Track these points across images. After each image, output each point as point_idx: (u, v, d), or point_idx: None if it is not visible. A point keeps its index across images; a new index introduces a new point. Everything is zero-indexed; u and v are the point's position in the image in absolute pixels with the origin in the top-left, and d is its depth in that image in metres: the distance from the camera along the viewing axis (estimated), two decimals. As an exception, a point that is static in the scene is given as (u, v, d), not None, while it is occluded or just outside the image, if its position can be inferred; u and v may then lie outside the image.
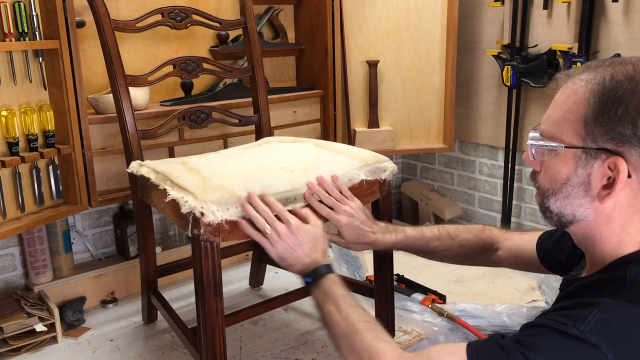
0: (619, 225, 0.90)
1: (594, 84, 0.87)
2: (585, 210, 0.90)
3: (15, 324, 1.67)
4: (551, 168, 0.92)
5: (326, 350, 1.70)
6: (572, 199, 0.90)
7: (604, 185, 0.87)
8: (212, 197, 1.27)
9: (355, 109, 2.44)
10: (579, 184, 0.89)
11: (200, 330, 1.33)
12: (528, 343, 0.84)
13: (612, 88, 0.85)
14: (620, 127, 0.84)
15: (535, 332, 0.86)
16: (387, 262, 1.66)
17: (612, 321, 0.81)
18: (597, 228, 0.91)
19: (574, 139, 0.88)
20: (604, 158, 0.86)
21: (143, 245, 1.73)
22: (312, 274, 1.23)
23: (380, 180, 1.57)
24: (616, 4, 1.98)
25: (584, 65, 0.94)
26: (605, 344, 0.79)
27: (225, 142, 2.08)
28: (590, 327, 0.80)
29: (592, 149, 0.87)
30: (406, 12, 2.36)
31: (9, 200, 1.67)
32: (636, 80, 0.84)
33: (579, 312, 0.83)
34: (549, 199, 0.93)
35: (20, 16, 1.60)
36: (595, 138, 0.86)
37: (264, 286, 2.12)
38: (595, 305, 0.82)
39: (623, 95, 0.84)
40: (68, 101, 1.70)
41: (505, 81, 2.29)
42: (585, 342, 0.80)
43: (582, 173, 0.88)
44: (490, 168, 2.57)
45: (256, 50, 1.90)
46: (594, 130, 0.86)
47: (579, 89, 0.89)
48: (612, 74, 0.87)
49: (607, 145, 0.86)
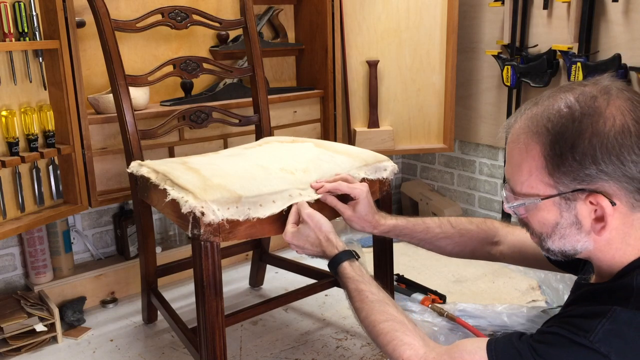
0: (619, 242, 0.91)
1: (540, 134, 0.88)
2: (584, 243, 0.92)
3: (15, 324, 1.67)
4: (537, 216, 0.94)
5: (326, 350, 1.70)
6: (569, 238, 0.92)
7: (594, 218, 0.89)
8: (212, 197, 1.27)
9: (355, 109, 2.44)
10: (570, 224, 0.91)
11: (200, 330, 1.33)
12: (542, 351, 0.87)
13: (560, 135, 0.86)
14: (584, 170, 0.85)
15: (549, 339, 0.89)
16: (387, 262, 1.66)
17: (621, 330, 0.83)
18: (600, 252, 0.93)
19: (546, 190, 0.90)
20: (583, 197, 0.87)
21: (143, 245, 1.73)
22: (330, 268, 1.27)
23: (380, 180, 1.57)
24: (616, 4, 1.98)
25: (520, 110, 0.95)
26: (614, 353, 0.82)
27: (225, 142, 2.08)
28: (599, 337, 0.83)
29: (568, 192, 0.88)
30: (406, 12, 2.36)
31: (9, 200, 1.67)
32: (577, 118, 0.85)
33: (589, 322, 0.85)
34: (546, 242, 0.95)
35: (20, 16, 1.60)
36: (565, 184, 0.88)
37: (264, 286, 2.12)
38: (604, 314, 0.85)
39: (573, 139, 0.85)
40: (68, 101, 1.70)
41: (505, 81, 2.29)
42: (595, 352, 0.83)
43: (568, 215, 0.90)
44: (490, 168, 2.57)
45: (256, 50, 1.90)
46: (562, 178, 0.87)
47: (528, 141, 0.90)
48: (550, 117, 0.88)
49: (579, 187, 0.87)
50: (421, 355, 1.00)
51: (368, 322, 1.12)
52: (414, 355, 1.01)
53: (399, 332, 1.05)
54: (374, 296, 1.15)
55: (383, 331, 1.07)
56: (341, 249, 1.26)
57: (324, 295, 2.00)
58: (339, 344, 1.74)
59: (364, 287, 1.17)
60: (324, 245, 1.28)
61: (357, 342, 1.74)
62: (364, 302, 1.14)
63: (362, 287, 1.17)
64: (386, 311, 1.11)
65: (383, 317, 1.09)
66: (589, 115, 0.85)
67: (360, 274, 1.21)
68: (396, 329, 1.06)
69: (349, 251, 1.26)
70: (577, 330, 0.85)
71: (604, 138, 0.84)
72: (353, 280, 1.19)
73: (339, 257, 1.24)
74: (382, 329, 1.08)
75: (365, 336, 1.76)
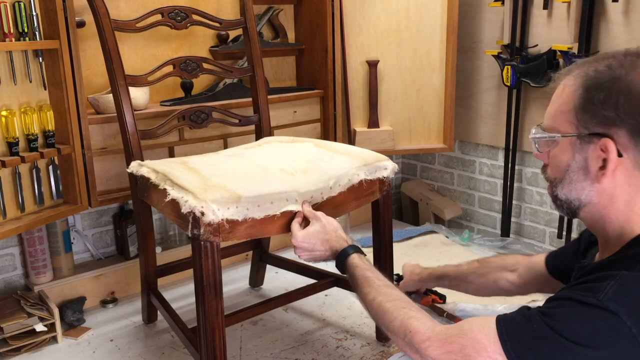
0: (623, 204, 0.95)
1: (581, 77, 0.96)
2: (588, 193, 0.97)
3: (15, 324, 1.67)
4: (555, 158, 1.00)
5: (326, 350, 1.70)
6: (575, 184, 0.97)
7: (600, 166, 0.94)
8: (212, 197, 1.27)
9: (355, 109, 2.44)
10: (579, 168, 0.96)
11: (200, 330, 1.33)
12: (552, 314, 0.90)
13: (594, 78, 0.94)
14: (604, 111, 0.92)
15: (559, 304, 0.91)
16: (387, 262, 1.66)
17: (630, 289, 0.86)
18: (604, 209, 0.97)
19: (568, 128, 0.97)
20: (596, 142, 0.94)
21: (143, 245, 1.73)
22: (337, 264, 1.32)
23: (380, 179, 1.57)
24: (616, 4, 1.98)
25: (576, 63, 1.02)
26: (623, 311, 0.84)
27: (225, 142, 2.08)
28: (608, 296, 0.85)
29: (585, 134, 0.95)
30: (406, 12, 2.36)
31: (9, 200, 1.67)
32: (615, 69, 0.93)
33: (597, 285, 0.88)
34: (557, 188, 1.01)
35: (20, 16, 1.60)
36: (586, 125, 0.94)
37: (264, 286, 2.12)
38: (613, 277, 0.87)
39: (604, 83, 0.93)
40: (68, 101, 1.70)
41: (505, 81, 2.29)
42: (604, 310, 0.85)
43: (580, 158, 0.96)
44: (490, 168, 2.57)
45: (256, 50, 1.90)
46: (584, 117, 0.94)
47: (570, 83, 0.98)
48: (596, 67, 0.96)
49: (596, 130, 0.93)
50: (428, 327, 1.02)
51: (375, 304, 1.14)
52: (421, 326, 1.02)
53: (406, 308, 1.08)
54: (380, 281, 1.19)
55: (390, 309, 1.09)
56: (350, 243, 1.33)
57: (324, 295, 2.00)
58: (339, 344, 1.74)
59: (370, 274, 1.22)
60: (333, 241, 1.33)
61: (357, 342, 1.74)
62: (372, 286, 1.18)
63: (369, 274, 1.22)
64: (393, 293, 1.15)
65: (390, 298, 1.13)
66: (627, 68, 0.93)
67: (368, 264, 1.27)
68: (403, 307, 1.09)
69: (356, 246, 1.32)
70: (587, 292, 0.88)
71: (632, 88, 0.90)
72: (360, 269, 1.25)
73: (347, 250, 1.30)
74: (389, 307, 1.10)
75: (365, 336, 1.76)
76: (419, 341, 1.00)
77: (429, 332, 1.00)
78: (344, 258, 1.29)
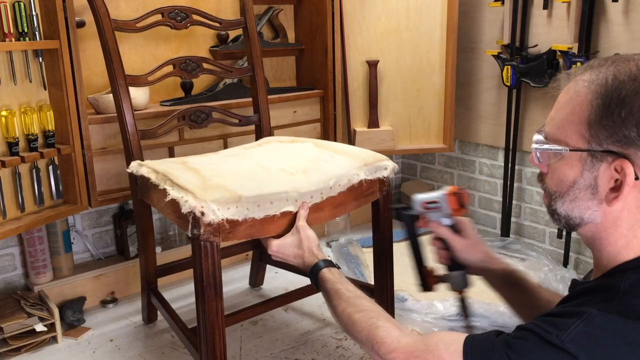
0: (627, 228, 0.88)
1: (596, 84, 0.86)
2: (593, 212, 0.89)
3: (15, 324, 1.67)
4: (557, 171, 0.91)
5: (326, 350, 1.70)
6: (580, 202, 0.89)
7: (611, 187, 0.86)
8: (212, 197, 1.27)
9: (355, 109, 2.44)
10: (586, 186, 0.88)
11: (200, 330, 1.33)
12: (514, 346, 0.86)
13: (615, 89, 0.83)
14: (624, 130, 0.82)
15: (523, 335, 0.87)
16: (387, 263, 1.66)
17: (594, 333, 0.81)
18: (605, 230, 0.90)
19: (578, 141, 0.87)
20: (610, 161, 0.85)
21: (143, 245, 1.73)
22: (311, 279, 1.30)
23: (380, 179, 1.57)
24: (616, 4, 1.97)
25: (586, 64, 0.92)
26: (584, 355, 0.80)
27: (225, 142, 2.08)
28: (571, 337, 0.81)
29: (598, 151, 0.85)
30: (406, 12, 2.36)
31: (9, 200, 1.67)
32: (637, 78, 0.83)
33: (564, 321, 0.83)
34: (556, 202, 0.93)
35: (20, 16, 1.60)
36: (599, 140, 0.85)
37: (264, 286, 2.12)
38: (580, 315, 0.82)
39: (626, 97, 0.82)
40: (68, 101, 1.70)
41: (505, 81, 2.29)
42: (564, 351, 0.81)
43: (589, 176, 0.87)
44: (490, 168, 2.57)
45: (256, 50, 1.90)
46: (598, 132, 0.85)
47: (581, 90, 0.87)
48: (615, 73, 0.85)
49: (612, 148, 0.84)
50: (394, 337, 1.00)
51: (344, 316, 1.13)
52: (386, 336, 1.01)
53: (374, 319, 1.07)
54: (349, 293, 1.18)
55: (358, 320, 1.08)
56: (321, 258, 1.30)
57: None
58: (339, 344, 1.74)
59: (340, 286, 1.20)
60: (306, 257, 1.32)
61: (357, 342, 1.74)
62: (341, 298, 1.17)
63: (339, 287, 1.20)
64: (362, 304, 1.13)
65: (359, 309, 1.11)
66: None
67: (338, 277, 1.24)
68: (372, 317, 1.08)
69: (329, 260, 1.30)
70: (551, 328, 0.84)
71: None
72: (330, 282, 1.23)
73: (318, 265, 1.28)
74: (357, 318, 1.09)
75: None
76: (385, 352, 0.99)
77: (394, 343, 0.99)
78: (315, 273, 1.27)
